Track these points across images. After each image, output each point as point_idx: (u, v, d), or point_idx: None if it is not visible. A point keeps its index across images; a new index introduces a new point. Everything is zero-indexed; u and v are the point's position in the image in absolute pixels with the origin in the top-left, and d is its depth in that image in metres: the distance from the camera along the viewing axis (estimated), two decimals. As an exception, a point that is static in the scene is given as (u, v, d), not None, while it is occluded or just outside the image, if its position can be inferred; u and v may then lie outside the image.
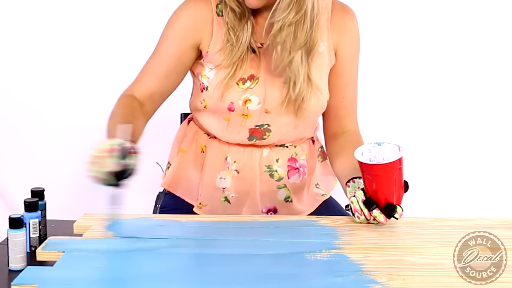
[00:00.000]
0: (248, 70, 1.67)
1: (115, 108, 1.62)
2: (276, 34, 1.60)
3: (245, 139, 1.73)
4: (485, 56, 2.51)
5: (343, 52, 1.74)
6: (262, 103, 1.68)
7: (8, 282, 1.27)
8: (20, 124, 2.52)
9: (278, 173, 1.77)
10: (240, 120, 1.70)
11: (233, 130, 1.72)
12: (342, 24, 1.73)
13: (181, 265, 1.32)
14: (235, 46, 1.65)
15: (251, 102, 1.67)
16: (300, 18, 1.59)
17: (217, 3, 1.68)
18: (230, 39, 1.65)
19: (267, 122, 1.71)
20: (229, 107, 1.68)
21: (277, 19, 1.59)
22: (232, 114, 1.69)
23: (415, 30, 2.49)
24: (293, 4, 1.57)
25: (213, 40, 1.68)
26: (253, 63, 1.68)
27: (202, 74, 1.70)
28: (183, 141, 1.82)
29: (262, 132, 1.72)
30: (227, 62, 1.66)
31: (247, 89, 1.67)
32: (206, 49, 1.68)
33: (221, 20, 1.68)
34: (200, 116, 1.77)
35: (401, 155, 1.48)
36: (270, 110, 1.69)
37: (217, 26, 1.67)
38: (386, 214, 1.49)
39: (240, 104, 1.67)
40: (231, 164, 1.75)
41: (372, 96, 2.43)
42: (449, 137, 2.54)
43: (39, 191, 1.49)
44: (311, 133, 1.83)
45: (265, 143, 1.74)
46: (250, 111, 1.68)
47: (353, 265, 1.31)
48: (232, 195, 1.76)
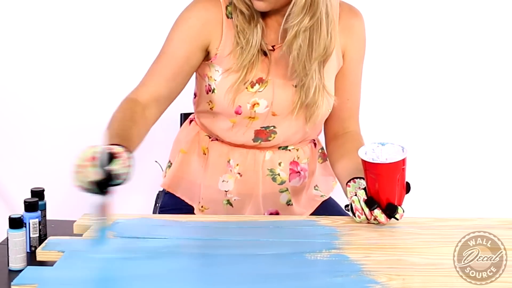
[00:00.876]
0: (257, 73, 1.65)
1: (115, 112, 1.57)
2: (292, 40, 1.58)
3: (250, 140, 1.72)
4: (485, 59, 2.51)
5: (350, 55, 1.72)
6: (270, 106, 1.67)
7: (8, 282, 1.27)
8: (20, 124, 2.52)
9: (280, 177, 1.76)
10: (246, 122, 1.69)
11: (238, 131, 1.71)
12: (350, 26, 1.71)
13: (181, 265, 1.31)
14: (245, 49, 1.62)
15: (259, 106, 1.66)
16: (315, 24, 1.56)
17: (227, 5, 1.65)
18: (240, 42, 1.62)
19: (273, 124, 1.70)
20: (236, 110, 1.66)
21: (291, 25, 1.56)
22: (239, 117, 1.67)
23: (417, 32, 2.49)
24: (306, 9, 1.54)
25: (222, 42, 1.65)
26: (264, 66, 1.65)
27: (209, 76, 1.67)
28: (184, 141, 1.81)
29: (267, 134, 1.71)
30: (237, 66, 1.63)
31: (255, 93, 1.65)
32: (215, 51, 1.65)
33: (230, 22, 1.65)
34: (205, 117, 1.75)
35: (405, 155, 1.47)
36: (277, 113, 1.68)
37: (226, 28, 1.65)
38: (387, 214, 1.49)
39: (248, 108, 1.65)
40: (234, 167, 1.74)
41: (375, 97, 2.43)
42: (449, 137, 2.54)
43: (39, 191, 1.49)
44: (316, 135, 1.82)
45: (269, 145, 1.73)
46: (257, 114, 1.67)
47: (353, 265, 1.31)
48: (235, 198, 1.75)
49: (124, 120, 1.53)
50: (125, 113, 1.56)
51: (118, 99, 2.68)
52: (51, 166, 2.51)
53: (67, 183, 2.65)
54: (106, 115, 2.71)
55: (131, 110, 1.58)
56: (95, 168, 1.29)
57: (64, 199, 2.26)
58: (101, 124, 2.56)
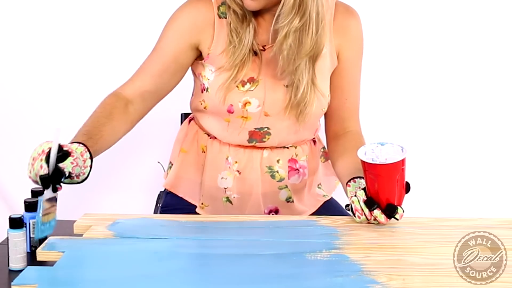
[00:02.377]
0: (248, 72, 1.66)
1: (96, 107, 1.61)
2: (282, 40, 1.59)
3: (245, 141, 1.73)
4: (484, 59, 2.51)
5: (346, 55, 1.73)
6: (262, 106, 1.68)
7: (8, 282, 1.27)
8: (20, 124, 2.52)
9: (279, 174, 1.77)
10: (240, 122, 1.70)
11: (233, 132, 1.72)
12: (346, 27, 1.72)
13: (181, 265, 1.31)
14: (237, 48, 1.64)
15: (250, 105, 1.67)
16: (304, 24, 1.57)
17: (219, 5, 1.67)
18: (232, 41, 1.65)
19: (267, 125, 1.71)
20: (228, 109, 1.67)
21: (281, 25, 1.57)
22: (232, 116, 1.68)
23: (417, 31, 2.49)
24: (296, 9, 1.55)
25: (214, 41, 1.67)
26: (254, 65, 1.67)
27: (203, 75, 1.70)
28: (184, 141, 1.82)
29: (261, 135, 1.72)
30: (229, 65, 1.65)
31: (246, 92, 1.67)
32: (207, 50, 1.68)
33: (223, 22, 1.67)
34: (201, 116, 1.77)
35: (405, 156, 1.47)
36: (269, 113, 1.69)
37: (219, 28, 1.67)
38: (387, 214, 1.49)
39: (239, 107, 1.67)
40: (232, 164, 1.75)
41: (374, 97, 2.43)
42: (449, 137, 2.54)
43: (39, 191, 1.49)
44: (312, 135, 1.83)
45: (265, 145, 1.74)
46: (250, 114, 1.68)
47: (353, 265, 1.31)
48: (234, 196, 1.76)
49: (100, 116, 1.58)
50: (105, 108, 1.60)
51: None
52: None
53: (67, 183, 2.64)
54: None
55: (111, 105, 1.61)
56: (43, 163, 1.34)
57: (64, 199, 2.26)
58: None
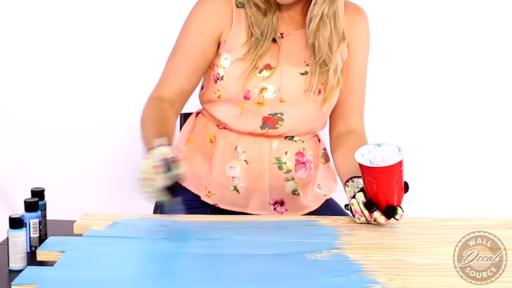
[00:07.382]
0: (266, 59, 1.69)
1: (146, 111, 1.64)
2: (320, 26, 1.66)
3: (258, 127, 1.74)
4: (484, 59, 2.51)
5: (354, 48, 1.78)
6: (278, 92, 1.70)
7: (8, 282, 1.27)
8: (20, 124, 2.52)
9: (286, 165, 1.77)
10: (254, 108, 1.71)
11: (247, 118, 1.73)
12: (354, 20, 1.77)
13: (181, 265, 1.31)
14: (260, 41, 1.68)
15: (267, 91, 1.69)
16: (335, 9, 1.66)
17: None
18: (255, 33, 1.68)
19: (281, 111, 1.72)
20: (245, 95, 1.69)
21: (317, 13, 1.65)
22: (247, 102, 1.70)
23: (417, 33, 2.49)
24: None
25: (232, 30, 1.70)
26: (273, 53, 1.70)
27: (218, 64, 1.72)
28: (191, 132, 1.83)
29: (275, 121, 1.73)
30: (251, 56, 1.68)
31: (263, 78, 1.69)
32: (224, 38, 1.70)
33: (241, 11, 1.70)
34: (212, 106, 1.77)
35: (402, 157, 1.48)
36: (285, 100, 1.71)
37: (236, 17, 1.70)
38: (387, 215, 1.49)
39: (256, 93, 1.69)
40: (240, 153, 1.75)
41: (374, 97, 2.43)
42: (449, 137, 2.54)
43: (39, 191, 1.49)
44: (321, 127, 1.84)
45: (276, 133, 1.75)
46: (266, 100, 1.70)
47: (353, 265, 1.31)
48: (241, 185, 1.76)
49: (158, 119, 1.61)
50: (157, 112, 1.64)
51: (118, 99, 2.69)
52: (51, 166, 2.51)
53: (67, 183, 2.66)
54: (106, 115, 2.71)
55: (161, 108, 1.65)
56: (162, 175, 1.38)
57: (64, 199, 2.26)
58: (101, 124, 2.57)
